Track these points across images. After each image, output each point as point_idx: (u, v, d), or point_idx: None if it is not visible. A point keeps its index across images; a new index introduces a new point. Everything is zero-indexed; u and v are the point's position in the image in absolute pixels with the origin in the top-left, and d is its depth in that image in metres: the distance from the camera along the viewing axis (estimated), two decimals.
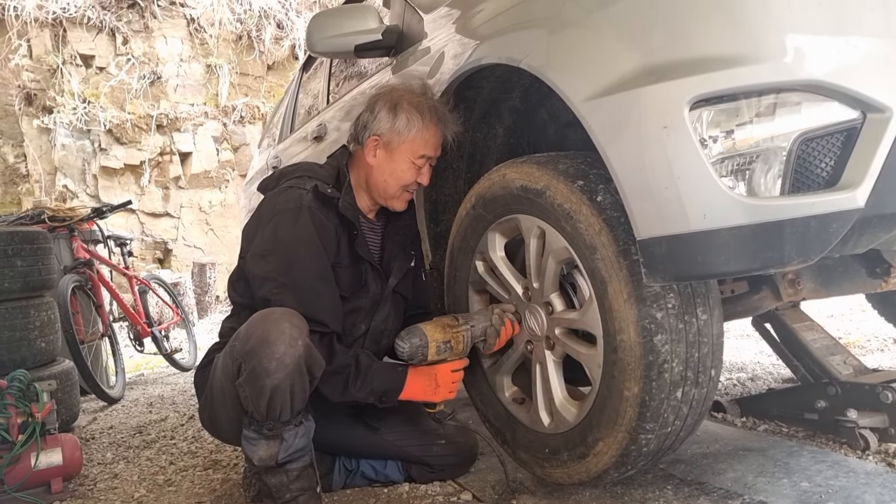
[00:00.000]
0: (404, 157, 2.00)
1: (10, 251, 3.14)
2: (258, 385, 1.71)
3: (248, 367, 1.73)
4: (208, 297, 8.63)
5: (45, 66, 9.46)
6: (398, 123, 1.98)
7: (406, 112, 1.98)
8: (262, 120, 10.25)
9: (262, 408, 1.73)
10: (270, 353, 1.70)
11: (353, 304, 2.03)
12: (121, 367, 4.58)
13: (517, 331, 1.91)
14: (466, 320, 1.94)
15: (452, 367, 1.95)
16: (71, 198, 9.22)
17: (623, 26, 1.42)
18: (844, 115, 1.25)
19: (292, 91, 4.43)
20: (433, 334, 1.89)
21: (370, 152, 2.02)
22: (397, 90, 2.06)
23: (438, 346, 1.89)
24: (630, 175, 1.39)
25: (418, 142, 1.99)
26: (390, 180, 2.02)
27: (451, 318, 1.95)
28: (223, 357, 1.88)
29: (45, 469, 2.29)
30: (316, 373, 1.78)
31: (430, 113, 1.99)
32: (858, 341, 3.63)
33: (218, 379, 1.90)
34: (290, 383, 1.72)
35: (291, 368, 1.70)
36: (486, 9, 1.92)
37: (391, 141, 2.00)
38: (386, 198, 2.06)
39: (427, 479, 2.08)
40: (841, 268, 1.79)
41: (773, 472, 1.82)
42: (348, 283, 2.01)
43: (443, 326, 1.92)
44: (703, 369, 1.54)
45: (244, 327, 1.79)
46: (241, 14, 10.27)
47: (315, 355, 1.77)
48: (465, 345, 1.93)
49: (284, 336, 1.71)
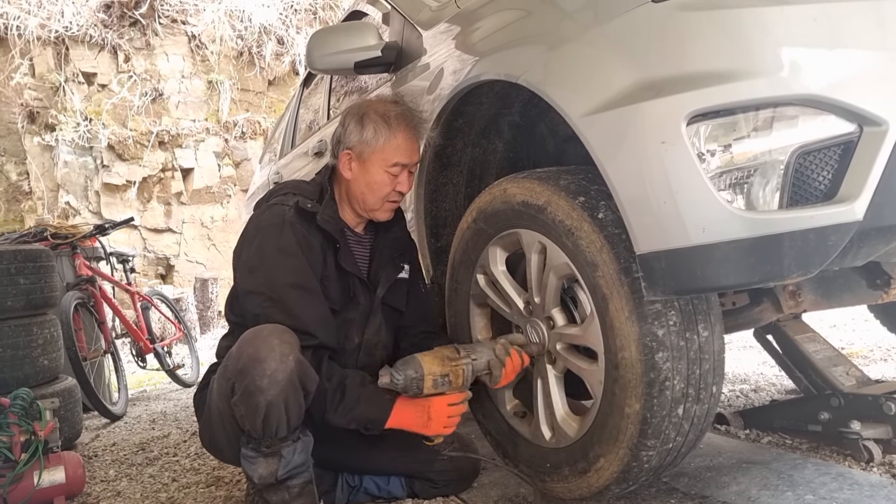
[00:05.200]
0: (377, 168, 1.98)
1: (13, 269, 3.15)
2: (252, 403, 1.71)
3: (241, 386, 1.73)
4: (210, 312, 8.62)
5: (47, 84, 9.50)
6: (366, 134, 1.97)
7: (373, 122, 1.97)
8: (263, 135, 10.28)
9: (258, 425, 1.73)
10: (262, 371, 1.69)
11: (344, 316, 2.02)
12: (123, 383, 4.57)
13: (526, 363, 1.85)
14: (468, 353, 1.86)
15: (449, 400, 1.86)
16: (73, 215, 9.24)
17: (620, 42, 1.43)
18: (841, 129, 1.26)
19: (293, 107, 4.45)
20: (430, 367, 1.81)
21: (345, 166, 2.02)
22: (366, 101, 2.06)
23: (435, 379, 1.81)
24: (629, 190, 1.40)
25: (388, 150, 1.97)
26: (367, 192, 2.01)
27: (451, 349, 1.87)
28: (217, 378, 1.88)
29: (48, 487, 2.29)
30: (310, 387, 1.77)
31: (398, 120, 1.98)
32: (861, 352, 3.62)
33: (214, 400, 1.90)
34: (284, 399, 1.71)
35: (284, 384, 1.70)
36: (485, 25, 1.93)
37: (362, 152, 1.99)
38: (367, 210, 2.05)
39: (430, 494, 2.07)
40: (841, 280, 1.79)
41: (777, 485, 1.81)
42: (338, 296, 2.00)
43: (441, 359, 1.83)
44: (704, 386, 1.54)
45: (235, 347, 1.80)
46: (242, 30, 10.32)
47: (307, 370, 1.76)
48: (464, 379, 1.84)
49: (275, 353, 1.70)
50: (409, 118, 2.00)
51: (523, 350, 1.88)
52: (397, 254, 2.14)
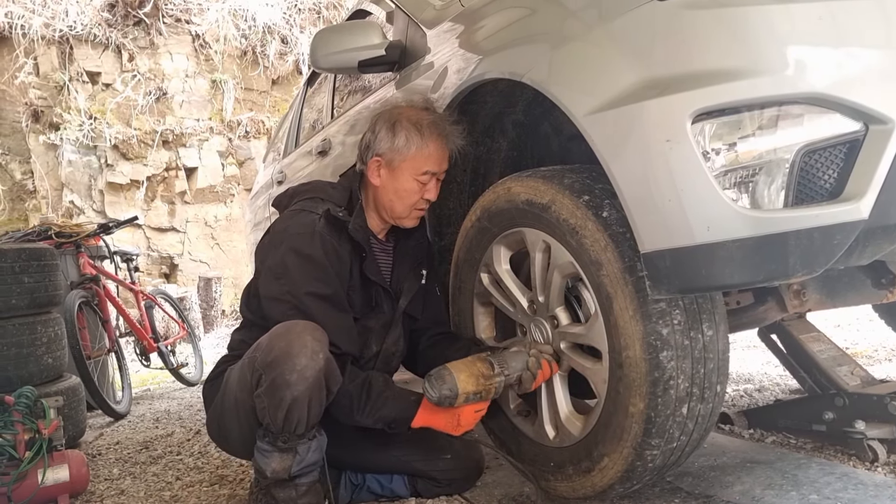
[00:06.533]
0: (407, 176, 1.98)
1: (18, 268, 3.15)
2: (277, 396, 1.72)
3: (269, 378, 1.73)
4: (214, 311, 8.63)
5: (51, 84, 9.53)
6: (398, 142, 1.97)
7: (405, 130, 1.96)
8: (266, 135, 10.29)
9: (279, 420, 1.74)
10: (292, 366, 1.70)
11: (364, 324, 2.02)
12: (127, 382, 4.58)
13: (556, 371, 1.83)
14: (502, 368, 1.82)
15: (476, 407, 1.88)
16: (77, 214, 9.27)
17: (625, 40, 1.42)
18: (847, 127, 1.26)
19: (297, 106, 4.45)
20: (465, 386, 1.78)
21: (374, 173, 2.02)
22: (397, 108, 2.05)
23: (468, 396, 1.79)
24: (633, 188, 1.39)
25: (419, 159, 1.97)
26: (396, 199, 2.01)
27: (486, 363, 1.82)
28: (239, 369, 1.88)
29: (51, 485, 2.29)
30: (332, 388, 1.78)
31: (430, 128, 1.97)
32: (866, 351, 3.61)
33: (231, 390, 1.90)
34: (309, 396, 1.72)
35: (311, 382, 1.71)
36: (489, 24, 1.93)
37: (392, 160, 1.99)
38: (395, 217, 2.05)
39: (433, 493, 2.07)
40: (846, 279, 1.79)
41: (782, 485, 1.81)
42: (360, 305, 2.01)
43: (476, 377, 1.80)
44: (708, 385, 1.54)
45: (266, 339, 1.79)
46: (246, 30, 10.34)
47: (334, 370, 1.77)
48: (495, 394, 1.85)
49: (307, 349, 1.71)
50: (440, 126, 1.98)
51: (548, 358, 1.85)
52: (418, 261, 2.15)
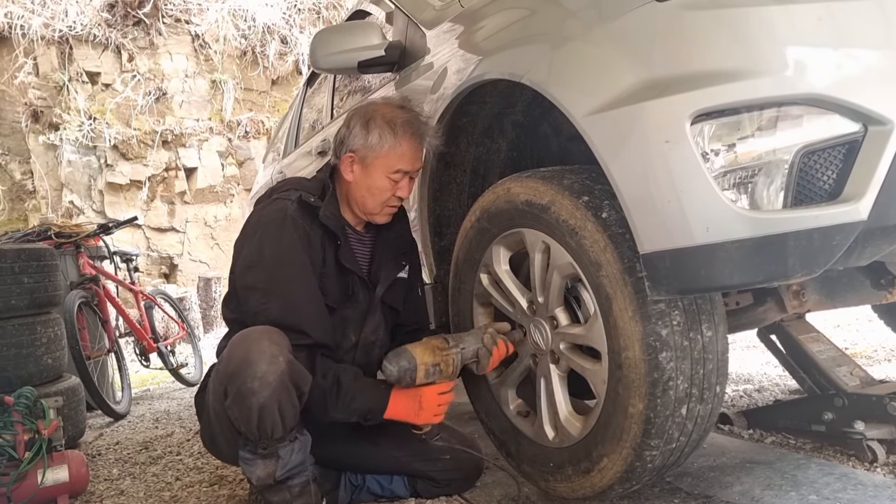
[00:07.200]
0: (380, 173, 1.97)
1: (17, 268, 3.15)
2: (245, 405, 1.71)
3: (233, 389, 1.72)
4: (214, 311, 8.62)
5: (51, 84, 9.53)
6: (371, 139, 1.95)
7: (379, 127, 1.95)
8: (266, 135, 10.29)
9: (252, 427, 1.73)
10: (253, 373, 1.69)
11: (342, 313, 2.02)
12: (127, 382, 4.58)
13: (511, 351, 1.89)
14: (457, 342, 1.90)
15: (439, 389, 1.90)
16: (77, 214, 9.27)
17: (624, 41, 1.43)
18: (846, 128, 1.26)
19: (296, 106, 4.45)
20: (422, 357, 1.84)
21: (347, 168, 2.01)
22: (373, 104, 2.05)
23: (427, 369, 1.84)
24: (633, 189, 1.39)
25: (392, 157, 1.96)
26: (368, 196, 2.00)
27: (440, 339, 1.90)
28: (212, 380, 1.88)
29: (51, 486, 2.29)
30: (303, 387, 1.77)
31: (404, 127, 1.96)
32: (865, 352, 3.61)
33: (210, 403, 1.90)
34: (277, 400, 1.71)
35: (276, 386, 1.70)
36: (489, 24, 1.93)
37: (366, 157, 1.97)
38: (366, 212, 2.04)
39: (433, 494, 2.07)
40: (845, 279, 1.79)
41: (781, 485, 1.81)
42: (336, 294, 2.00)
43: (432, 349, 1.87)
44: (708, 386, 1.54)
45: (226, 349, 1.80)
46: (246, 30, 10.34)
47: (299, 370, 1.76)
48: (454, 367, 1.88)
49: (265, 354, 1.70)
50: (415, 125, 1.98)
51: (508, 338, 1.92)
52: (399, 252, 2.14)
